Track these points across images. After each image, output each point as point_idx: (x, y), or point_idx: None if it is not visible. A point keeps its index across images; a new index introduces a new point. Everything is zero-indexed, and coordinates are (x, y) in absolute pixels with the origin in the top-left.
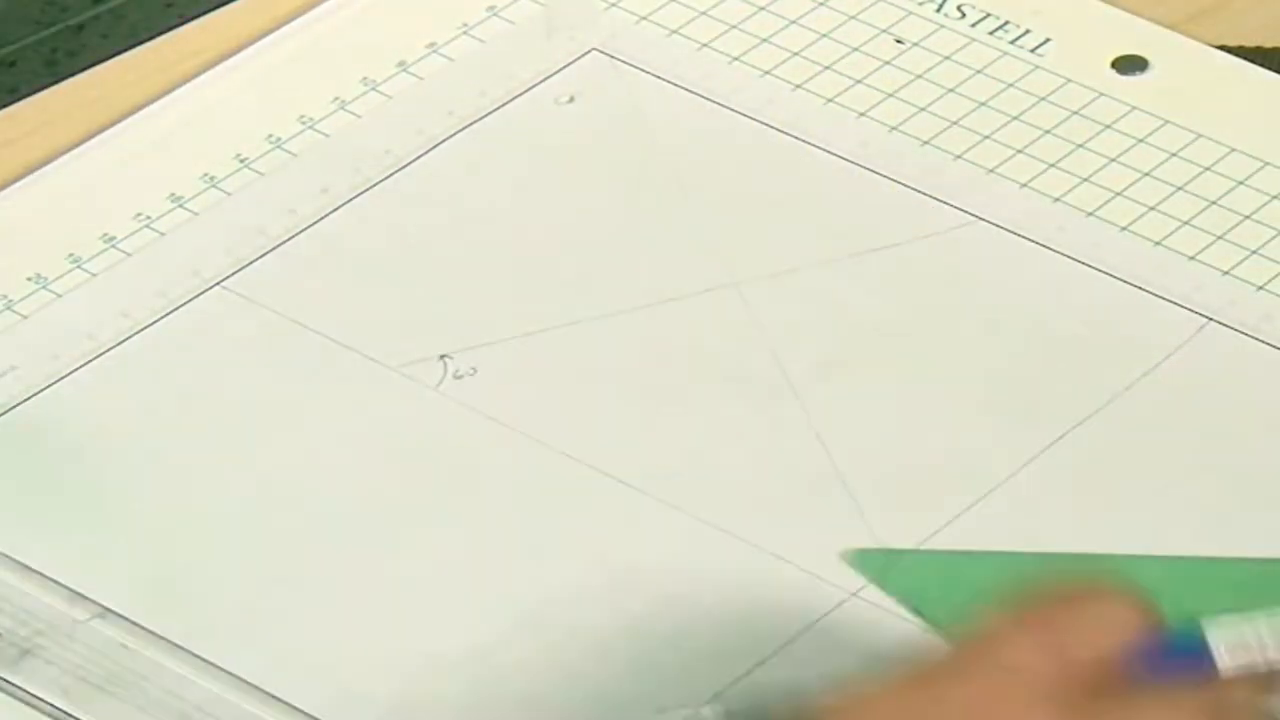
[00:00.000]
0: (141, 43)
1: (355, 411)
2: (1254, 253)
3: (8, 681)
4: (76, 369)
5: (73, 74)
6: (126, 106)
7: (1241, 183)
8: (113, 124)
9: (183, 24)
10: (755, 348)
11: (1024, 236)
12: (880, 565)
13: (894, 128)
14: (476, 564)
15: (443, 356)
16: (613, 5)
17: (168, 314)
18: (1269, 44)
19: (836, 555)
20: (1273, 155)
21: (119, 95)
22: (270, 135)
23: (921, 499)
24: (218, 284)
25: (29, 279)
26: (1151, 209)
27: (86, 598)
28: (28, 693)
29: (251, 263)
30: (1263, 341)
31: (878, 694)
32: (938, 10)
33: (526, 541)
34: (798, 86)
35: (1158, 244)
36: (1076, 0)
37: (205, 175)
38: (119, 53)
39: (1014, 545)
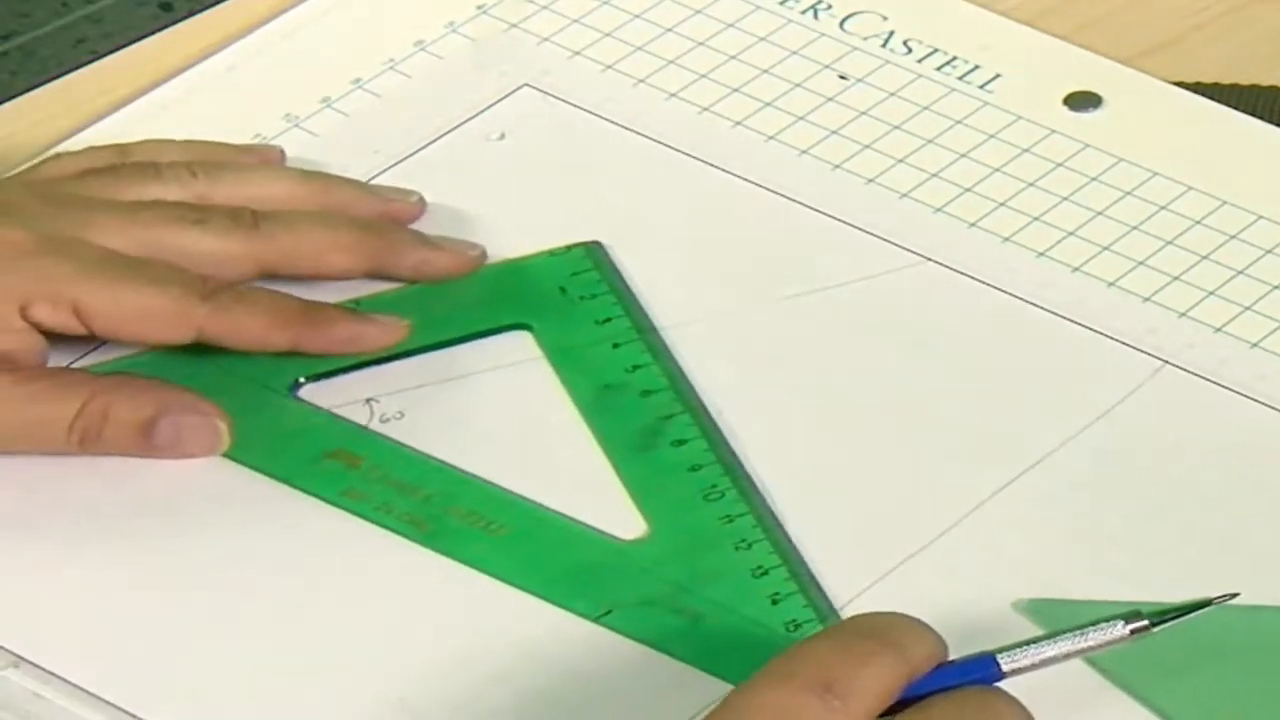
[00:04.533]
0: (51, 79)
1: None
2: (1211, 294)
3: None
4: None
5: None
6: (33, 147)
7: (1199, 222)
8: (19, 164)
9: (95, 60)
10: (692, 391)
11: (972, 277)
12: (1054, 616)
13: (837, 165)
14: (407, 609)
15: (369, 400)
16: (545, 40)
17: (90, 352)
18: (1225, 80)
19: (768, 601)
20: (1230, 194)
21: (26, 134)
22: None
23: (867, 543)
24: None
25: None
26: (1105, 249)
27: (1, 647)
28: None
29: None
30: (1221, 386)
31: None
32: (883, 45)
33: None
34: (737, 124)
35: (1112, 285)
36: (1027, 35)
37: None
38: (29, 89)
39: (961, 591)
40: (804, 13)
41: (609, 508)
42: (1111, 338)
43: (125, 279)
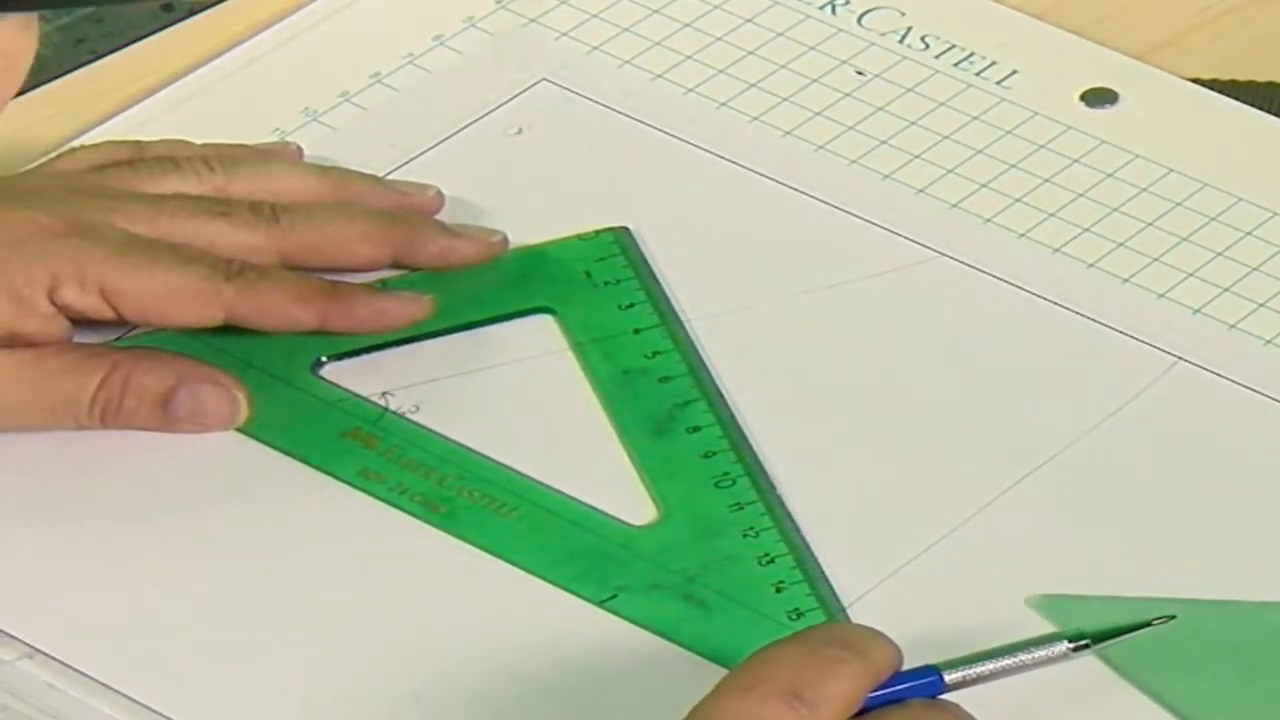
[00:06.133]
0: (52, 79)
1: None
2: (1226, 290)
3: None
4: None
5: None
6: (33, 147)
7: (1214, 219)
8: (20, 164)
9: (95, 60)
10: (709, 378)
11: (987, 273)
12: (1067, 612)
13: (854, 161)
14: (418, 595)
15: (385, 393)
16: (563, 35)
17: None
18: (1242, 77)
19: (773, 589)
20: (1245, 190)
21: (26, 134)
22: None
23: (880, 538)
24: None
25: None
26: (1120, 245)
27: (14, 637)
28: None
29: None
30: (1234, 382)
31: None
32: (900, 41)
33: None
34: (754, 119)
35: (1126, 281)
36: (1044, 31)
37: None
38: (29, 89)
39: (975, 587)
40: (822, 8)
41: (622, 492)
42: (1125, 334)
43: (153, 260)
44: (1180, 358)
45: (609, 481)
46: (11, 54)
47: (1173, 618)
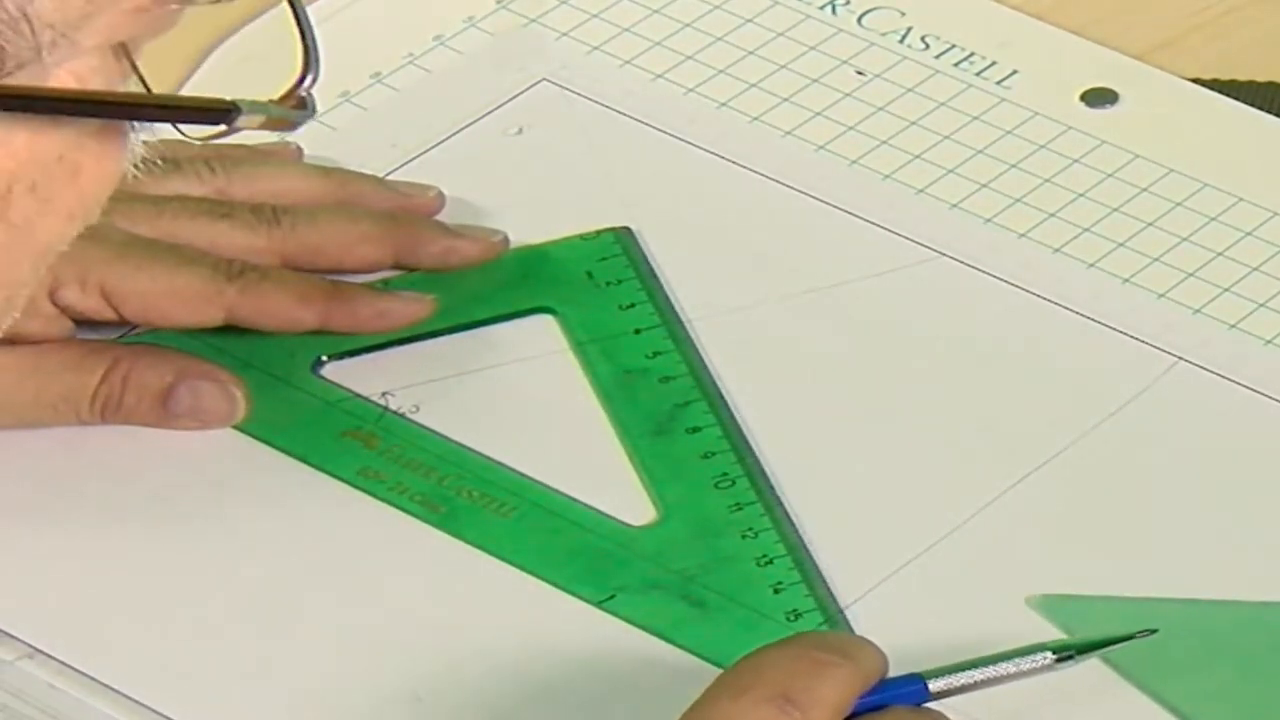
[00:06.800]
0: None
1: None
2: (1226, 290)
3: None
4: None
5: None
6: None
7: (1214, 219)
8: None
9: None
10: (710, 379)
11: (987, 273)
12: (1067, 611)
13: (854, 161)
14: (417, 596)
15: (385, 393)
16: (564, 35)
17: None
18: (1242, 77)
19: (771, 590)
20: (1246, 190)
21: None
22: None
23: (879, 539)
24: None
25: None
26: (1120, 245)
27: (15, 638)
28: None
29: None
30: (1234, 382)
31: None
32: (901, 41)
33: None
34: (755, 119)
35: (1126, 281)
36: (1045, 31)
37: None
38: None
39: (975, 587)
40: (822, 8)
41: (622, 492)
42: (1126, 334)
43: (154, 261)
44: (1180, 358)
45: (609, 481)
46: (78, 162)
47: (1154, 631)
